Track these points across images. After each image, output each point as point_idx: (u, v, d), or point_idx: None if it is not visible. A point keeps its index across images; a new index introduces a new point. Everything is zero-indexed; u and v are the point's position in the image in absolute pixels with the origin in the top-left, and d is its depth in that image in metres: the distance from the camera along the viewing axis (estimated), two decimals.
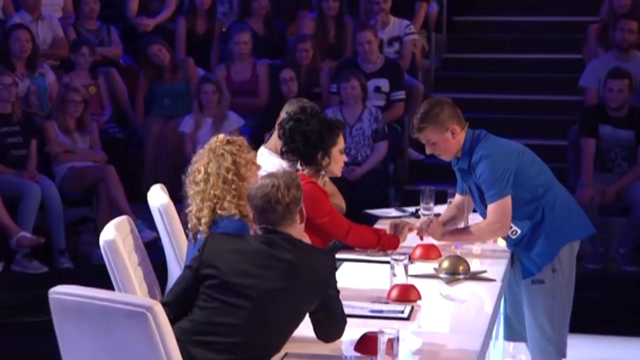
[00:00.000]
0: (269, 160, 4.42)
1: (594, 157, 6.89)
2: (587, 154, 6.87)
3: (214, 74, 7.85)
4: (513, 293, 4.47)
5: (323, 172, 4.27)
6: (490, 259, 4.37)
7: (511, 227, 4.25)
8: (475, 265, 4.16)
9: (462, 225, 4.52)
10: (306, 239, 3.55)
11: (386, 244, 4.34)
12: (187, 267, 3.29)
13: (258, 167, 3.80)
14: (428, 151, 4.29)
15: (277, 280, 3.15)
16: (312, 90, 7.78)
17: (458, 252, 4.33)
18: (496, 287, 3.96)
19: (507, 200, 4.16)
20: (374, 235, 4.35)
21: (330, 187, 4.50)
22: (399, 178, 7.79)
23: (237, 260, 3.18)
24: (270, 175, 3.29)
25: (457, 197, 4.55)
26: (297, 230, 3.27)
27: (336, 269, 3.49)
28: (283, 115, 4.54)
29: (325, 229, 4.23)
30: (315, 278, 3.18)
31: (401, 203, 7.20)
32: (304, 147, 4.19)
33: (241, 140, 3.76)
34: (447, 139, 4.22)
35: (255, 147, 7.80)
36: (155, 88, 7.81)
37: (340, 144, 4.25)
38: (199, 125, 7.39)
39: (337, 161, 4.26)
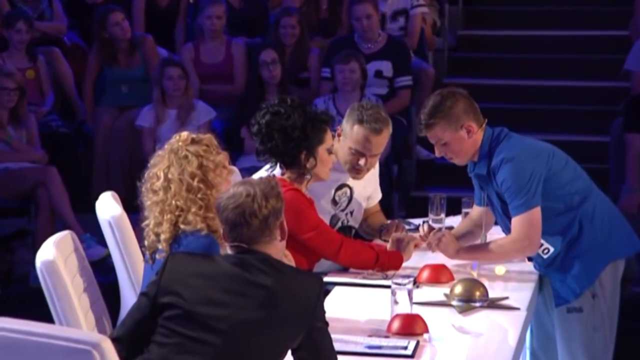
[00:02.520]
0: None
1: None
2: (633, 153, 6.90)
3: (179, 55, 7.85)
4: (541, 323, 4.48)
5: (308, 176, 4.27)
6: (514, 282, 4.37)
7: (542, 244, 4.25)
8: (495, 291, 4.16)
9: (480, 242, 4.52)
10: (288, 259, 3.55)
11: (386, 262, 4.35)
12: (142, 294, 3.28)
13: (230, 172, 3.79)
14: (438, 153, 4.30)
15: (253, 310, 3.14)
16: (298, 75, 7.79)
17: (475, 274, 4.33)
18: (520, 316, 3.96)
19: (536, 212, 4.16)
20: (371, 252, 4.35)
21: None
22: (405, 182, 7.81)
23: (203, 285, 3.17)
24: (244, 182, 3.29)
25: (475, 209, 4.55)
26: (277, 249, 3.26)
27: (325, 295, 3.49)
28: None
29: (312, 246, 4.24)
30: (299, 307, 3.18)
31: (407, 213, 7.21)
32: (283, 145, 4.19)
33: (209, 138, 3.75)
34: (461, 139, 4.22)
35: (229, 145, 7.82)
36: (107, 72, 7.81)
37: (328, 141, 4.26)
38: (160, 118, 7.40)
39: (324, 163, 4.26)
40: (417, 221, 5.11)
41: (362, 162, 4.52)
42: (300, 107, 4.23)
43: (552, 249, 4.26)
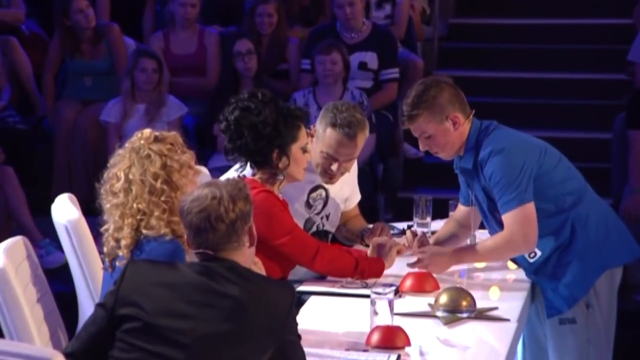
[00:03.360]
0: None
1: None
2: (637, 151, 6.90)
3: (148, 46, 7.84)
4: (534, 336, 4.49)
5: (280, 177, 4.27)
6: (504, 291, 4.38)
7: None
8: (483, 301, 4.15)
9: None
10: (258, 267, 3.55)
11: (367, 270, 4.34)
12: (99, 305, 3.28)
13: (197, 172, 3.79)
14: (422, 147, 4.29)
15: (219, 322, 3.14)
16: (276, 67, 7.79)
17: (463, 283, 4.33)
18: (510, 328, 3.97)
19: (529, 207, 4.15)
20: (350, 259, 4.34)
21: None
22: (391, 182, 7.82)
23: (165, 296, 3.17)
24: (210, 183, 3.29)
25: (460, 209, 4.55)
26: (245, 256, 3.27)
27: (300, 306, 3.48)
28: None
29: (286, 252, 4.23)
30: (269, 319, 3.18)
31: (394, 215, 7.21)
32: (254, 143, 4.18)
33: (173, 136, 3.75)
34: (446, 131, 4.22)
35: (201, 143, 7.76)
36: (69, 64, 7.79)
37: (302, 139, 4.25)
38: (127, 113, 7.39)
39: (298, 162, 4.26)
40: (402, 225, 5.11)
41: (334, 167, 4.52)
42: (272, 101, 4.21)
43: (539, 253, 4.27)
